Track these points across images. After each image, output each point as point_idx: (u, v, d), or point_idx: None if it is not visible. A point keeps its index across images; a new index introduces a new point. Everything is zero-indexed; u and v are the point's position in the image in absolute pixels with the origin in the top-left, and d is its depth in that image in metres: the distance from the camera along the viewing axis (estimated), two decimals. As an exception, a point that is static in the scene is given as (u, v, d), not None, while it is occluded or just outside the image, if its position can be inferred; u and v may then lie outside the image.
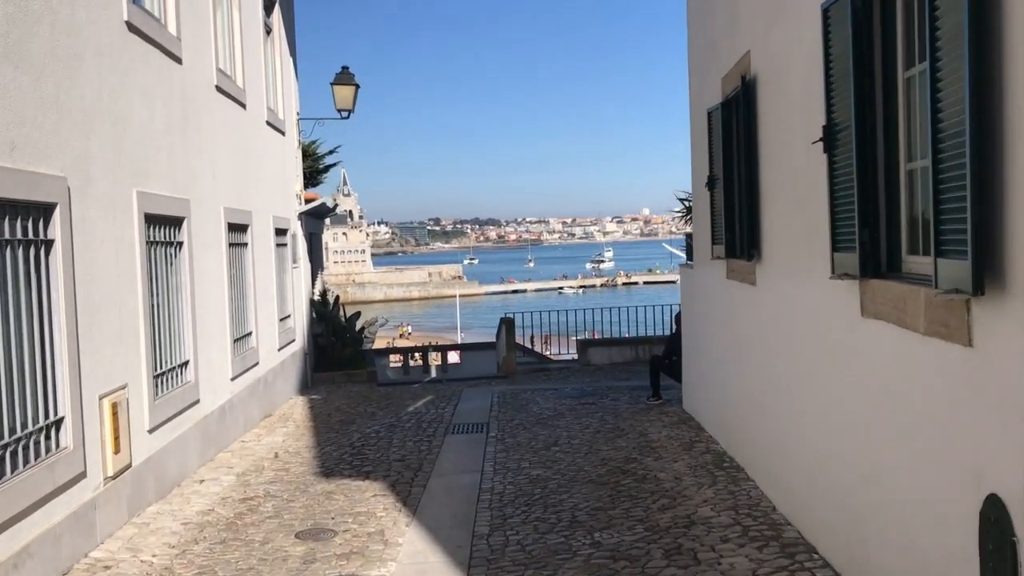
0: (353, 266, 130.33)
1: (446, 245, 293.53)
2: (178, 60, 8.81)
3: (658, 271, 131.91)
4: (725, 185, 8.17)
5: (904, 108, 4.24)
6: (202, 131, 9.55)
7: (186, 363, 8.76)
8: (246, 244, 11.56)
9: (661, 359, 12.41)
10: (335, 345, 16.55)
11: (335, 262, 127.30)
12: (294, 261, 15.00)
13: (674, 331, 12.43)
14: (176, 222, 8.65)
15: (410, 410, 12.66)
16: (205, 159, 9.66)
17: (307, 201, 16.01)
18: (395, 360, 19.75)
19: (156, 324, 7.95)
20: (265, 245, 12.70)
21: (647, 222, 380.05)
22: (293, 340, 14.52)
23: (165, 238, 8.34)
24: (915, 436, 3.95)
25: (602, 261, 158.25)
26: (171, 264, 8.51)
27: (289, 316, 14.40)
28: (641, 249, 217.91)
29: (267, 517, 7.28)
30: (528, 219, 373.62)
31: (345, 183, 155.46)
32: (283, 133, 14.53)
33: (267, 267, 12.78)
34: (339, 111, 16.02)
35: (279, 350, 13.30)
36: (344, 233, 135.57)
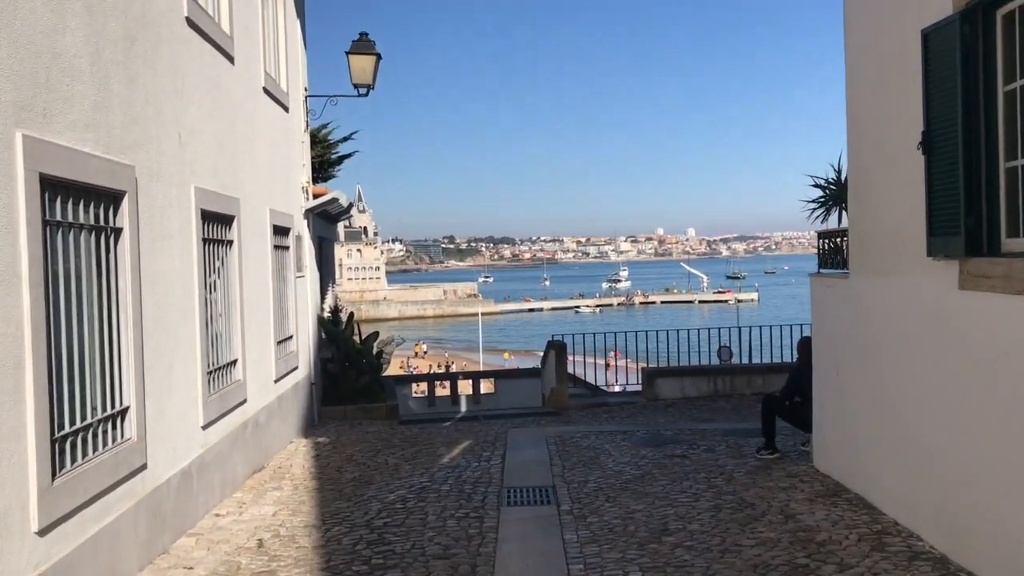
0: (367, 283, 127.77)
1: (460, 263, 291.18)
2: (121, -39, 5.90)
3: (675, 290, 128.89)
4: (965, 143, 5.17)
5: None
6: (159, 72, 6.63)
7: (123, 411, 5.80)
8: (231, 242, 8.63)
9: (779, 400, 9.39)
10: (348, 373, 13.59)
11: (349, 279, 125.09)
12: (299, 269, 12.08)
13: (798, 364, 9.40)
14: (111, 197, 5.71)
15: (444, 462, 9.67)
16: (165, 114, 6.74)
17: (315, 197, 13.11)
18: (418, 390, 16.77)
19: (64, 354, 5.00)
20: (259, 245, 9.78)
21: (661, 242, 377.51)
22: (295, 367, 11.57)
23: (88, 220, 5.41)
24: None
25: (618, 280, 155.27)
26: (100, 260, 5.57)
27: (291, 337, 11.46)
28: (656, 268, 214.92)
29: None
30: (542, 238, 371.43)
31: (360, 199, 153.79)
32: (286, 109, 11.63)
33: (261, 274, 9.85)
34: (356, 86, 13.13)
35: (276, 381, 10.34)
36: (358, 250, 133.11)
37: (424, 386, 16.80)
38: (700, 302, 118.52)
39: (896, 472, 6.50)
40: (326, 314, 14.59)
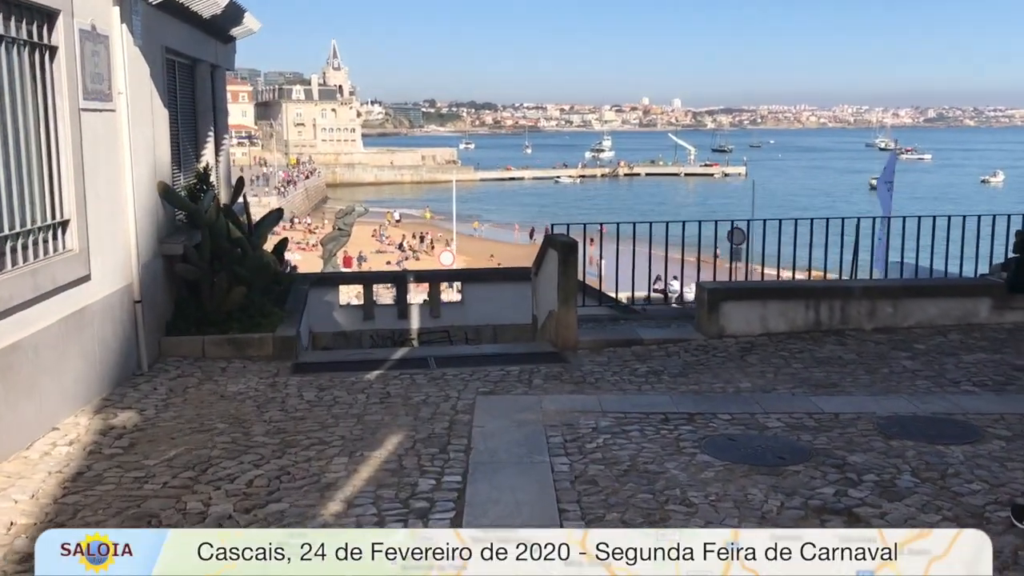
0: (342, 145, 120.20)
1: (441, 128, 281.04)
2: None
3: (661, 162, 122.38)
4: None
5: None
6: None
7: None
8: None
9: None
10: (217, 280, 8.16)
11: (323, 140, 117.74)
12: (95, 96, 6.50)
13: None
14: None
15: (328, 515, 4.43)
16: None
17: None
18: (349, 296, 11.43)
19: None
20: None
21: (646, 112, 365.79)
22: (81, 279, 6.17)
23: None
24: None
25: (602, 150, 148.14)
26: None
27: (64, 224, 5.99)
28: (641, 140, 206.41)
29: None
30: (525, 104, 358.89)
31: (335, 55, 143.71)
32: None
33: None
34: None
35: (2, 316, 4.95)
36: (333, 109, 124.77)
37: (359, 291, 11.45)
38: (686, 175, 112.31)
39: None
40: (193, 181, 9.06)
